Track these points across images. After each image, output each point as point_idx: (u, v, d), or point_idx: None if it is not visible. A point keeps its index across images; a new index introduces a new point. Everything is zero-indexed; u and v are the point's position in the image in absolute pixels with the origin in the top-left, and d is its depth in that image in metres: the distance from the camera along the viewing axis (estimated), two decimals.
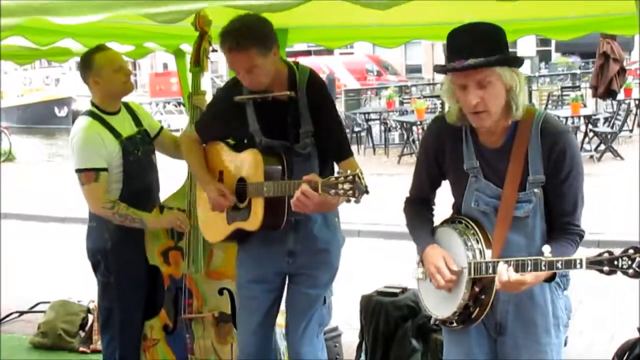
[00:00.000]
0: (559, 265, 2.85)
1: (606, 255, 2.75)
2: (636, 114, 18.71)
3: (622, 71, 14.88)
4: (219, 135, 4.13)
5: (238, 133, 4.03)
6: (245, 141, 4.01)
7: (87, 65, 4.60)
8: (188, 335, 4.64)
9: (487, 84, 2.92)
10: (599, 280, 7.94)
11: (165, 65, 46.23)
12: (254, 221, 3.82)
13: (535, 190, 3.09)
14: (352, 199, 3.18)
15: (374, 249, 10.24)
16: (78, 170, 4.47)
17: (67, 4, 3.29)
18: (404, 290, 5.32)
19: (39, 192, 15.70)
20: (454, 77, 2.99)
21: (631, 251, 2.69)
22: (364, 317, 5.35)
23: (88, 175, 4.44)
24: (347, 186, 3.17)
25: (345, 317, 6.75)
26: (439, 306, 3.25)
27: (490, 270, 3.01)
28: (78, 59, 5.13)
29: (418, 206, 3.46)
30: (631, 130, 18.26)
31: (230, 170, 4.00)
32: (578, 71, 30.89)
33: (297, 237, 3.97)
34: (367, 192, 3.18)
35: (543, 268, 2.87)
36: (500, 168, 3.12)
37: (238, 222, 3.94)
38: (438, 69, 3.03)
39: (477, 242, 3.11)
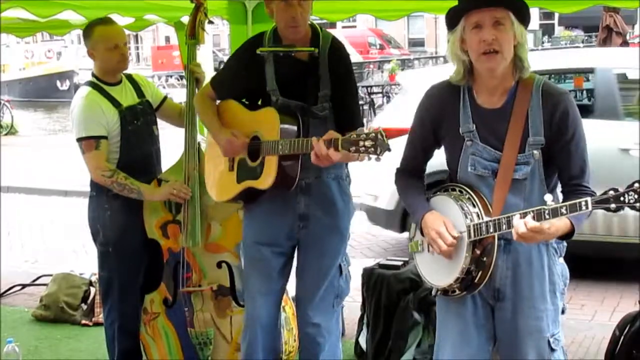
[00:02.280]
0: (563, 210, 2.81)
1: (611, 192, 2.72)
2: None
3: (625, 44, 14.84)
4: (234, 92, 4.07)
5: (254, 91, 3.99)
6: (260, 102, 3.98)
7: (87, 35, 4.63)
8: (187, 308, 4.64)
9: (502, 24, 3.00)
10: (600, 254, 7.95)
11: (167, 39, 46.10)
12: (266, 179, 3.78)
13: (534, 151, 3.08)
14: (373, 157, 3.16)
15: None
16: (79, 140, 4.50)
17: None
18: (406, 263, 5.31)
19: (41, 166, 15.69)
20: (470, 17, 3.02)
21: (637, 185, 2.67)
22: (366, 290, 5.34)
23: (88, 143, 4.47)
24: (368, 143, 3.15)
25: None
26: (440, 275, 3.23)
27: (492, 229, 3.00)
28: (79, 31, 5.10)
29: (410, 176, 3.43)
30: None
31: (244, 128, 3.93)
32: (581, 45, 30.82)
33: (308, 201, 3.93)
34: (389, 149, 3.16)
35: (547, 216, 2.84)
36: (499, 129, 3.12)
37: (249, 181, 3.89)
38: (459, 6, 3.07)
39: (474, 206, 3.10)
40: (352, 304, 6.17)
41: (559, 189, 3.25)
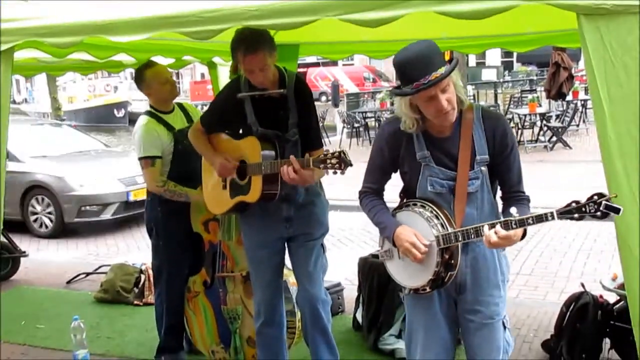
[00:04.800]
0: (530, 221, 2.75)
1: (574, 204, 2.67)
2: (582, 111, 18.59)
3: (571, 77, 14.83)
4: (220, 127, 4.12)
5: (237, 125, 4.04)
6: (241, 131, 4.03)
7: (139, 79, 4.68)
8: (221, 290, 4.66)
9: (447, 87, 2.88)
10: (551, 244, 7.95)
11: (202, 75, 46.16)
12: (254, 194, 3.85)
13: (482, 168, 3.04)
14: (339, 171, 3.29)
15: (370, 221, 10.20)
16: (140, 159, 4.56)
17: (121, 24, 3.29)
18: None
19: None
20: (421, 94, 2.87)
21: (595, 197, 2.61)
22: (361, 275, 5.35)
23: (146, 161, 4.53)
24: (334, 161, 3.28)
25: (346, 275, 6.77)
26: (413, 278, 3.14)
27: (460, 238, 2.93)
28: (131, 69, 5.12)
29: (373, 197, 3.30)
30: (578, 125, 18.17)
31: (232, 154, 3.99)
32: (535, 77, 30.74)
33: (289, 206, 3.98)
34: (351, 164, 3.27)
35: (514, 226, 2.78)
36: (452, 153, 3.05)
37: (240, 196, 3.95)
38: (409, 91, 2.87)
39: (437, 218, 3.02)
40: (350, 286, 6.18)
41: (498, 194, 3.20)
